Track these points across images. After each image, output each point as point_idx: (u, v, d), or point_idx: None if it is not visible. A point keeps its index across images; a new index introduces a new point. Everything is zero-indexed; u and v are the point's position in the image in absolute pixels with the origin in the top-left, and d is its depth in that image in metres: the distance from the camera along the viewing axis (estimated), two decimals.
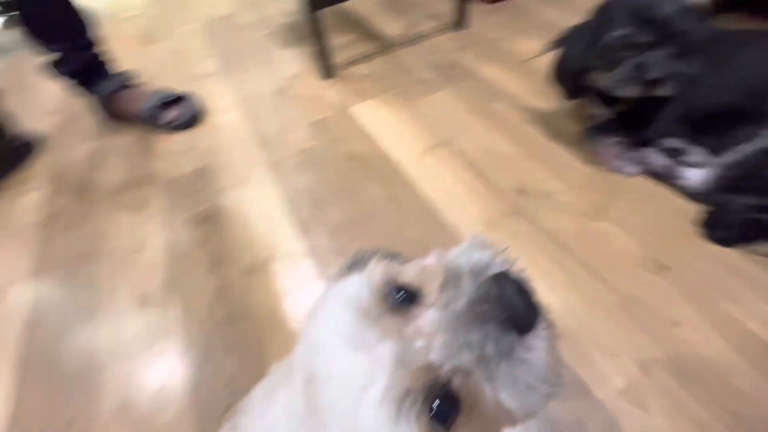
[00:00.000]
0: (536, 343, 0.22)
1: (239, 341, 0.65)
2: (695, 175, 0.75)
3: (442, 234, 0.76)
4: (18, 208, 0.95)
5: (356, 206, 0.83)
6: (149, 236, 0.84)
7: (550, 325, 0.24)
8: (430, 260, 0.70)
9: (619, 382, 0.55)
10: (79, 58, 1.01)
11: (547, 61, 0.84)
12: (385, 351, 0.21)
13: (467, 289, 0.22)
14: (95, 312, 0.73)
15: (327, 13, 1.08)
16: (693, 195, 0.75)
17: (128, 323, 0.70)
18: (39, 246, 0.86)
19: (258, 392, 0.31)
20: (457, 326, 0.21)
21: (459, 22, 1.30)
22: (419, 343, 0.22)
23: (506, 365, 0.21)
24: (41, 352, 0.68)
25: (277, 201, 0.87)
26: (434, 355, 0.21)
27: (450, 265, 0.24)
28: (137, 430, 0.58)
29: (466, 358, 0.21)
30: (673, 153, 0.79)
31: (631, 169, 0.81)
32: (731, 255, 0.66)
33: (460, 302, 0.22)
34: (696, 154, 0.77)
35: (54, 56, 0.99)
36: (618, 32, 0.70)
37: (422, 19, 1.40)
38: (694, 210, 0.73)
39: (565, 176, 0.83)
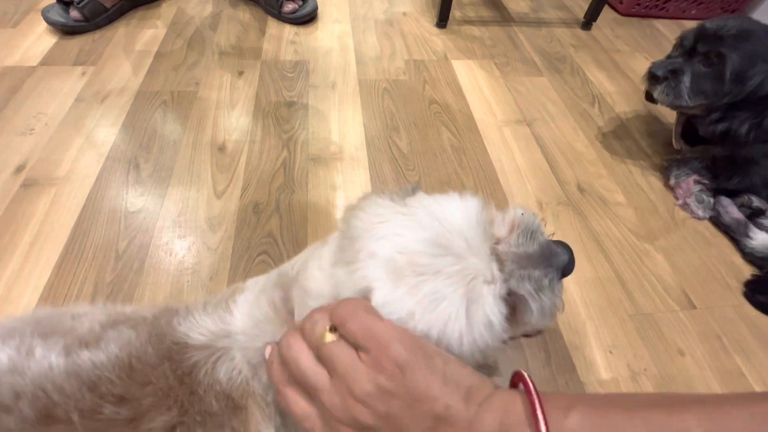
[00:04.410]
0: (561, 287, 0.32)
1: (287, 206, 0.73)
2: (762, 239, 0.73)
3: (493, 194, 0.79)
4: (141, 36, 1.07)
5: (424, 143, 0.87)
6: (241, 99, 0.92)
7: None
8: None
9: (605, 374, 0.58)
10: None
11: None
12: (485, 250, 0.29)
13: (541, 240, 0.32)
14: (178, 140, 0.82)
15: None
16: (750, 256, 0.73)
17: (201, 160, 0.79)
18: (148, 72, 0.97)
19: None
20: (527, 263, 0.30)
21: (587, 21, 1.27)
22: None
23: (546, 294, 0.30)
24: (123, 156, 0.79)
25: (356, 113, 0.92)
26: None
27: (521, 219, 0.32)
28: (189, 235, 0.67)
29: (527, 285, 0.30)
30: (751, 211, 0.77)
31: (702, 212, 0.79)
32: (763, 320, 0.66)
33: (533, 247, 0.31)
34: None
35: None
36: (681, 34, 0.75)
37: (551, 7, 1.37)
38: (744, 270, 0.72)
39: (630, 193, 0.82)
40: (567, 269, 0.32)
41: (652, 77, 0.77)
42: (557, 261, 0.31)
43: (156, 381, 0.28)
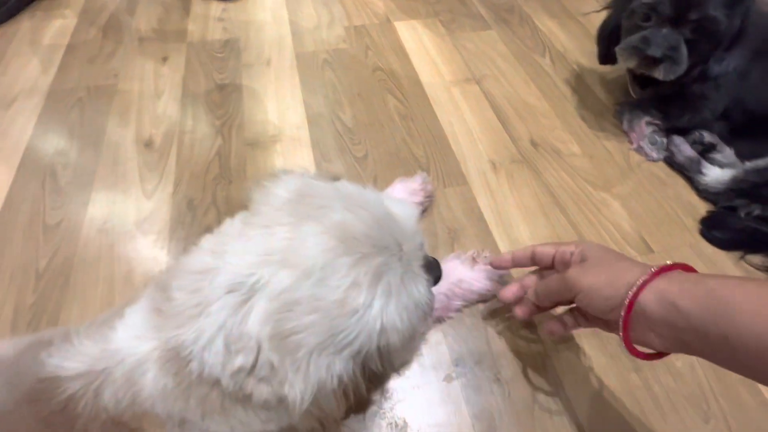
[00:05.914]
0: None
1: (224, 198, 0.68)
2: (715, 174, 0.72)
3: (445, 161, 0.75)
4: (49, 28, 0.96)
5: (369, 114, 0.82)
6: (167, 87, 0.84)
7: None
8: (415, 183, 0.71)
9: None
10: None
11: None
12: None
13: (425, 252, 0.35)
14: (98, 141, 0.75)
15: None
16: (705, 193, 0.72)
17: (127, 159, 0.73)
18: (59, 69, 0.87)
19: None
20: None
21: None
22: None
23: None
24: (37, 165, 0.71)
25: (294, 90, 0.86)
26: None
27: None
28: (118, 242, 0.62)
29: None
30: (703, 147, 0.75)
31: (656, 154, 0.78)
32: (720, 256, 0.66)
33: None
34: (725, 153, 0.74)
35: None
36: (651, 2, 0.66)
37: None
38: (700, 208, 0.71)
39: (584, 143, 0.80)
40: (437, 281, 0.38)
41: (652, 60, 0.69)
42: (435, 272, 0.36)
43: None
